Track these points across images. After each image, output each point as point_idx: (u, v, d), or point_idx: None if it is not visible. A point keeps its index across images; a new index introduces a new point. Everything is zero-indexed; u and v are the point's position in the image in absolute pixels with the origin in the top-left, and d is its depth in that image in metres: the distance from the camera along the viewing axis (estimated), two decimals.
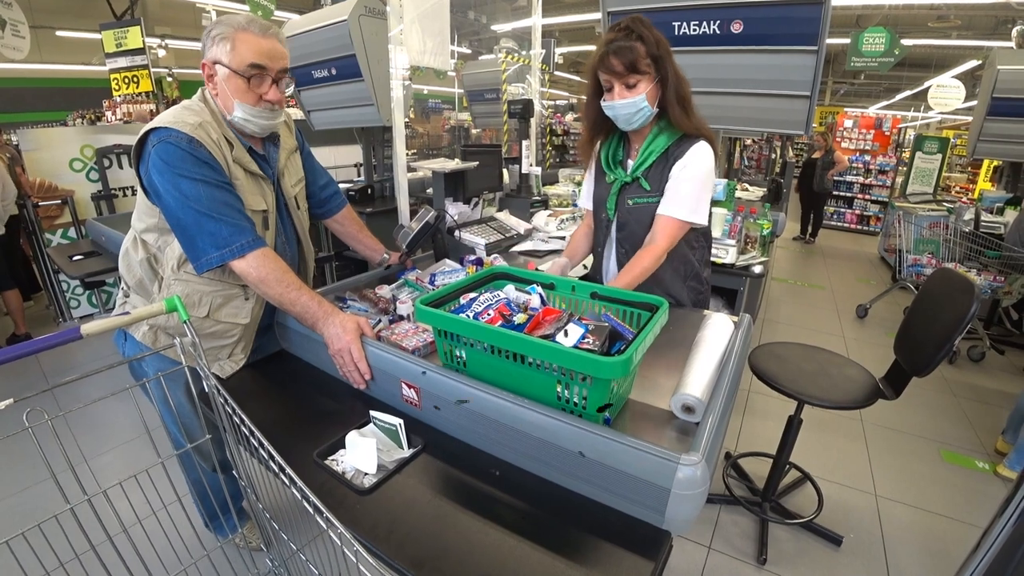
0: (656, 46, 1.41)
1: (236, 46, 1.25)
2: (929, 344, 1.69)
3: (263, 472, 1.01)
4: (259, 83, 1.30)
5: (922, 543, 2.14)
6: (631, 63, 1.41)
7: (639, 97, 1.45)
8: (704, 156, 1.52)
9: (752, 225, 2.67)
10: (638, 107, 1.47)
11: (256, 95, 1.30)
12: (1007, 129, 4.10)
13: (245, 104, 1.30)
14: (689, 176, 1.51)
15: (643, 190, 1.58)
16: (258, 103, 1.31)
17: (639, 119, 1.50)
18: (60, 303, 4.19)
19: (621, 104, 1.47)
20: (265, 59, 1.28)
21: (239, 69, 1.26)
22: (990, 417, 3.09)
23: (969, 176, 9.33)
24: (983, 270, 4.05)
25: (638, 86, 1.44)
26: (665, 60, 1.43)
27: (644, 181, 1.57)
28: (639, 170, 1.57)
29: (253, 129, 1.36)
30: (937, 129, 14.66)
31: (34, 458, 0.82)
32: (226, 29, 1.25)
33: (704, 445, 0.85)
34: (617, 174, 1.63)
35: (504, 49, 5.32)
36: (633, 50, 1.40)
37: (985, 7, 7.70)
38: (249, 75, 1.27)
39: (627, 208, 1.63)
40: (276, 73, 1.31)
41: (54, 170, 4.10)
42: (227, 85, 1.29)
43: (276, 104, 1.34)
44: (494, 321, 1.06)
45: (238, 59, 1.26)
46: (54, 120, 8.83)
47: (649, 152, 1.55)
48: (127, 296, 1.48)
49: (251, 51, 1.26)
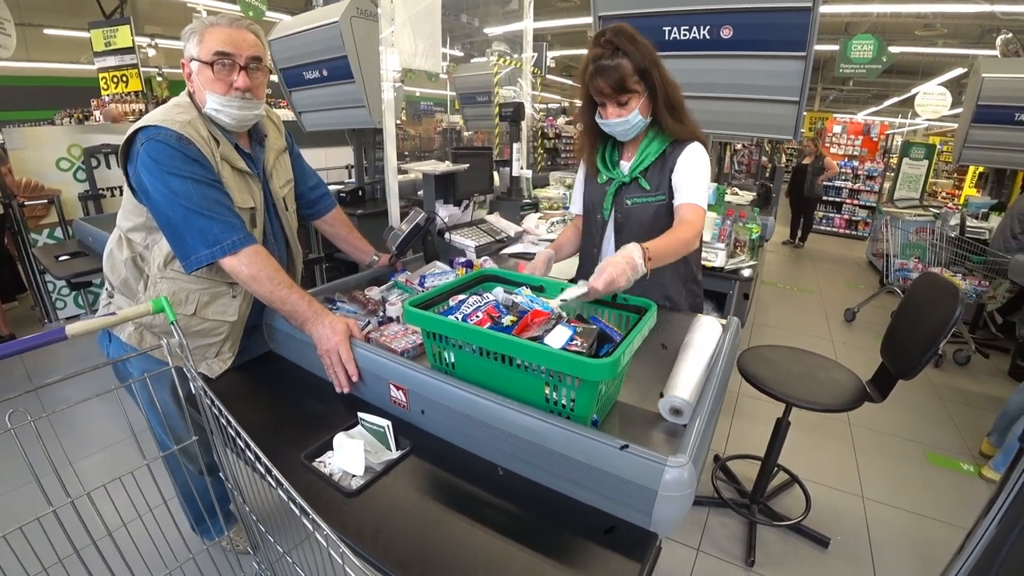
0: (642, 59, 1.40)
1: (204, 39, 1.27)
2: (915, 347, 1.71)
3: (250, 474, 1.01)
4: (227, 71, 1.29)
5: (908, 544, 2.16)
6: (618, 83, 1.41)
7: (632, 114, 1.47)
8: (702, 155, 1.54)
9: (741, 229, 2.69)
10: (632, 123, 1.49)
11: (226, 83, 1.29)
12: (992, 136, 4.16)
13: (215, 94, 1.29)
14: (695, 172, 1.52)
15: (643, 189, 1.58)
16: (228, 92, 1.30)
17: (635, 131, 1.53)
18: (46, 304, 4.14)
19: (616, 122, 1.49)
20: (230, 46, 1.28)
21: (205, 58, 1.27)
22: (975, 420, 3.13)
23: (955, 182, 9.43)
24: (968, 275, 4.11)
25: (629, 103, 1.46)
26: (652, 72, 1.42)
27: (643, 180, 1.58)
28: (637, 170, 1.58)
29: (227, 121, 1.34)
30: (924, 135, 14.84)
31: (16, 460, 0.80)
32: (197, 25, 1.28)
33: (691, 447, 0.86)
34: (614, 174, 1.63)
35: (496, 52, 5.33)
36: (619, 68, 1.40)
37: (970, 16, 7.79)
38: (214, 62, 1.27)
39: (625, 208, 1.62)
40: (245, 60, 1.30)
41: (40, 169, 4.04)
42: (199, 78, 1.29)
43: (247, 92, 1.32)
44: (483, 323, 1.06)
45: (205, 49, 1.27)
46: (41, 119, 8.74)
47: (647, 154, 1.56)
48: (111, 296, 1.46)
49: (216, 40, 1.27)
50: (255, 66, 1.33)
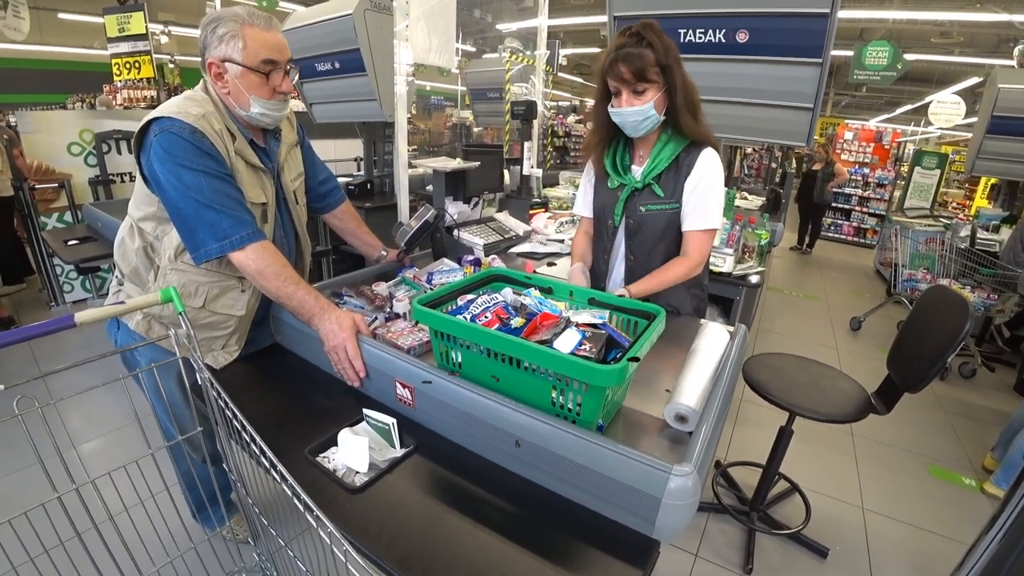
0: (665, 54, 1.40)
1: (247, 43, 1.26)
2: (922, 360, 1.70)
3: (253, 466, 1.01)
4: (274, 77, 1.31)
5: (907, 557, 2.15)
6: (639, 70, 1.40)
7: (647, 105, 1.44)
8: (717, 163, 1.53)
9: (750, 235, 2.68)
10: (646, 115, 1.46)
11: (271, 89, 1.32)
12: (1006, 148, 4.12)
13: (261, 99, 1.31)
14: (709, 185, 1.52)
15: (656, 196, 1.57)
16: (272, 96, 1.33)
17: (646, 126, 1.50)
18: (53, 287, 4.17)
19: (629, 111, 1.46)
20: (276, 53, 1.30)
21: (254, 65, 1.27)
22: (978, 434, 3.11)
23: (966, 193, 9.36)
24: (977, 287, 4.08)
25: (646, 93, 1.44)
26: (674, 68, 1.42)
27: (657, 187, 1.56)
28: (650, 175, 1.56)
29: (267, 122, 1.38)
30: (936, 144, 14.73)
31: (22, 444, 0.81)
32: (233, 26, 1.25)
33: (696, 456, 0.85)
34: (627, 180, 1.61)
35: (509, 49, 5.30)
36: (642, 57, 1.39)
37: (988, 25, 7.72)
38: (266, 71, 1.29)
39: (639, 215, 1.60)
40: (285, 64, 1.33)
41: (52, 153, 4.07)
42: (241, 82, 1.29)
43: (288, 95, 1.36)
44: (491, 324, 1.06)
45: (251, 56, 1.27)
46: (54, 103, 8.77)
47: (660, 159, 1.55)
48: (121, 284, 1.47)
49: (262, 47, 1.27)
50: (290, 67, 1.36)
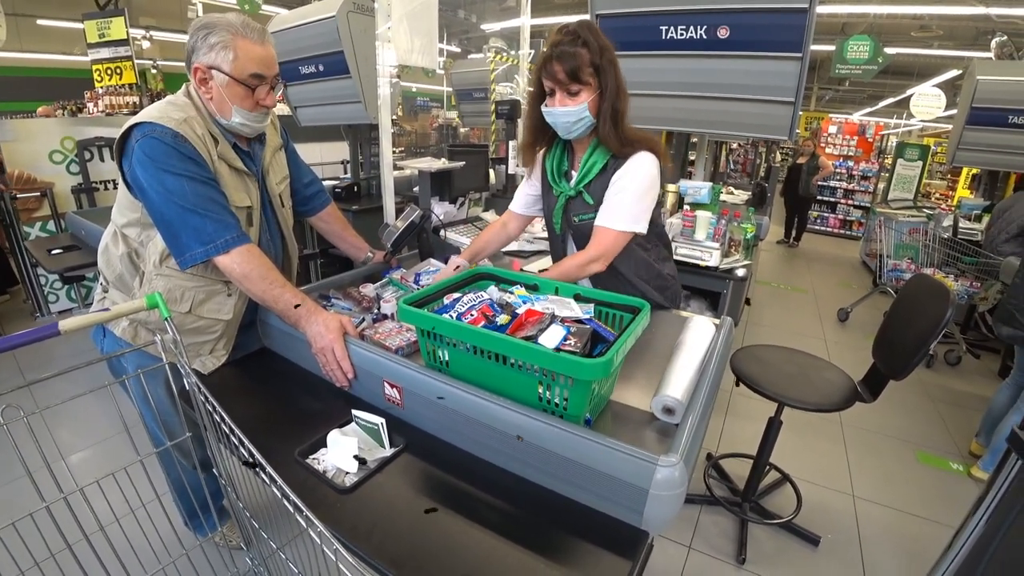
0: (600, 55, 1.35)
1: (238, 55, 1.25)
2: (906, 348, 1.73)
3: (243, 470, 1.01)
4: (259, 91, 1.31)
5: (897, 543, 2.18)
6: (573, 70, 1.35)
7: (580, 106, 1.39)
8: (644, 165, 1.46)
9: (736, 229, 2.70)
10: (579, 116, 1.41)
11: (254, 101, 1.32)
12: (985, 138, 4.19)
13: (243, 110, 1.31)
14: (625, 187, 1.46)
15: (587, 205, 1.53)
16: (255, 108, 1.33)
17: (579, 128, 1.44)
18: (38, 297, 4.11)
19: (561, 112, 1.41)
20: (264, 68, 1.30)
21: (241, 78, 1.27)
22: (965, 420, 3.16)
23: (949, 183, 9.49)
24: (960, 276, 4.14)
25: (580, 95, 1.39)
26: (607, 71, 1.37)
27: (587, 195, 1.52)
28: (582, 183, 1.52)
29: (247, 132, 1.38)
30: (918, 137, 14.92)
31: (9, 455, 0.80)
32: (225, 36, 1.24)
33: (683, 447, 0.86)
34: (562, 187, 1.57)
35: (493, 49, 5.30)
36: (576, 56, 1.34)
37: (966, 18, 7.83)
38: (253, 85, 1.29)
39: (574, 224, 1.57)
40: (272, 79, 1.33)
41: (33, 162, 4.01)
42: (226, 91, 1.28)
43: (271, 108, 1.37)
44: (477, 322, 1.06)
45: (239, 68, 1.26)
46: (34, 110, 8.64)
47: (591, 164, 1.50)
48: (106, 291, 1.46)
49: (252, 61, 1.27)
50: (276, 81, 1.36)
